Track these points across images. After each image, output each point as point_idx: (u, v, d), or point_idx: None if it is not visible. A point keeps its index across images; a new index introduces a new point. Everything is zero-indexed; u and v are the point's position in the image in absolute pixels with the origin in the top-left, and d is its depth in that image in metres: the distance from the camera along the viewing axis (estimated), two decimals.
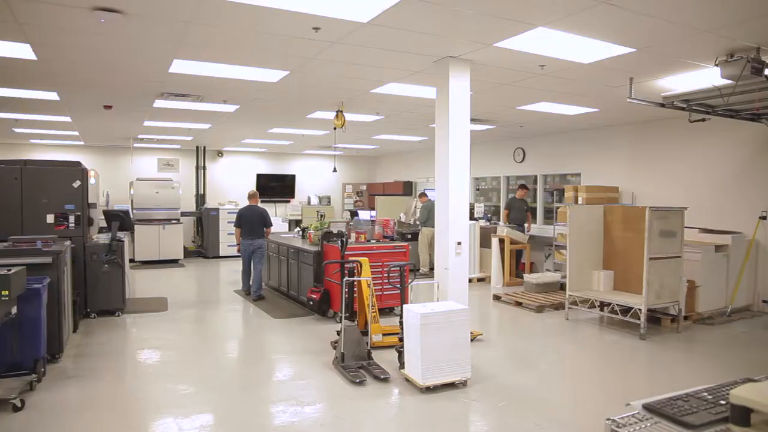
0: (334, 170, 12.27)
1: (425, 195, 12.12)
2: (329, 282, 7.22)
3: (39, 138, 13.75)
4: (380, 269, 7.08)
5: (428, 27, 4.91)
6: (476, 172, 13.50)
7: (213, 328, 7.47)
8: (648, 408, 1.66)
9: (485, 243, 11.05)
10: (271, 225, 9.19)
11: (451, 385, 4.88)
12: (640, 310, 6.69)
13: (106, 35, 5.16)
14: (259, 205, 9.27)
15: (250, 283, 9.12)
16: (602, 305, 7.68)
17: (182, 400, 4.70)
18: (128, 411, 4.52)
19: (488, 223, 12.10)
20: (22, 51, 5.65)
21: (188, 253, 14.36)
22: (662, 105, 6.87)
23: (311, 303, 7.47)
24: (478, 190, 14.11)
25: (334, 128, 9.04)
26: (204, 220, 14.41)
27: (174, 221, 13.41)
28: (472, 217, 11.54)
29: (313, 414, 4.37)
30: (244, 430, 4.11)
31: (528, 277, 9.44)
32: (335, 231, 7.31)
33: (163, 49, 5.65)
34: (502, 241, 10.53)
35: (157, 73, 6.65)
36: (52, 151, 14.68)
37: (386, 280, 5.96)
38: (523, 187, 11.52)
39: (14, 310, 4.44)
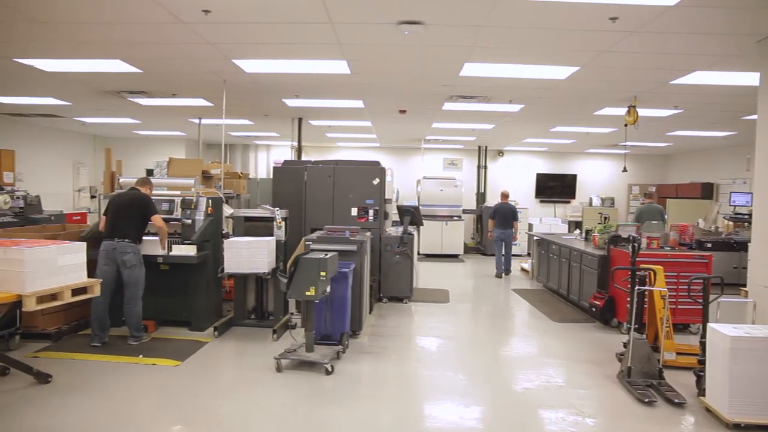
0: (624, 170, 11.39)
1: (651, 196, 10.37)
2: (616, 289, 6.73)
3: (344, 141, 15.89)
4: (675, 280, 6.36)
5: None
6: None
7: (490, 324, 7.64)
8: None
9: None
10: (518, 219, 11.33)
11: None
12: None
13: (407, 46, 5.65)
14: (510, 202, 11.35)
15: (502, 264, 11.10)
16: None
17: (460, 388, 4.90)
18: (412, 389, 4.92)
19: None
20: (340, 67, 6.56)
21: (467, 249, 14.94)
22: None
23: (593, 309, 7.07)
24: None
25: (625, 125, 8.39)
26: (483, 218, 14.81)
27: (456, 218, 14.11)
28: None
29: (593, 428, 4.13)
30: (521, 431, 4.09)
31: None
32: (625, 235, 6.78)
33: (455, 54, 5.95)
34: None
35: (448, 77, 7.03)
36: (354, 151, 16.76)
37: (682, 293, 5.30)
38: None
39: (328, 288, 5.19)
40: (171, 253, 6.15)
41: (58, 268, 4.48)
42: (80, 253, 4.76)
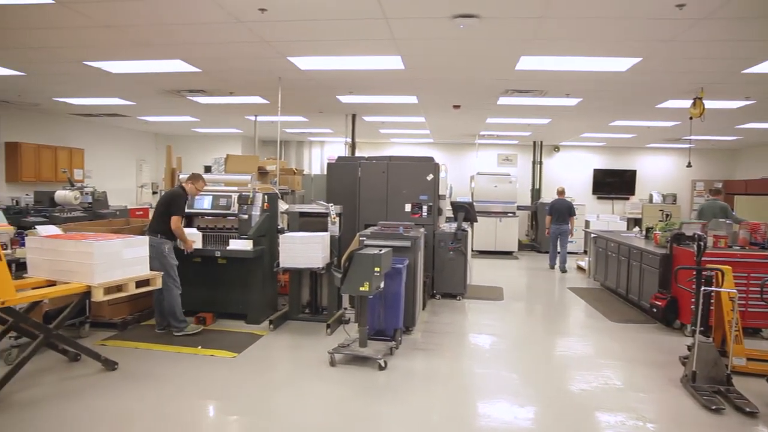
0: (689, 165, 10.86)
1: (718, 193, 9.67)
2: (679, 289, 6.46)
3: (397, 137, 15.89)
4: (745, 281, 6.06)
5: None
6: None
7: (545, 323, 7.48)
8: None
9: None
10: (575, 215, 11.44)
11: None
12: None
13: (462, 40, 5.58)
14: (566, 198, 11.52)
15: (557, 261, 11.38)
16: None
17: (514, 387, 4.82)
18: (465, 387, 4.87)
19: None
20: (394, 63, 6.55)
21: (522, 246, 14.67)
22: None
23: (654, 310, 6.81)
24: None
25: (690, 118, 8.02)
26: (539, 215, 14.52)
27: (510, 214, 13.87)
28: None
29: None
30: None
31: None
32: (689, 233, 6.49)
33: (512, 48, 5.83)
34: None
35: (504, 71, 6.91)
36: (407, 147, 16.71)
37: (753, 295, 5.03)
38: None
39: (382, 284, 5.20)
40: (228, 248, 6.31)
41: (123, 261, 4.67)
42: (143, 246, 4.95)
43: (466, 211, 8.43)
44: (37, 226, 5.88)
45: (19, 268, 5.23)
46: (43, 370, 4.82)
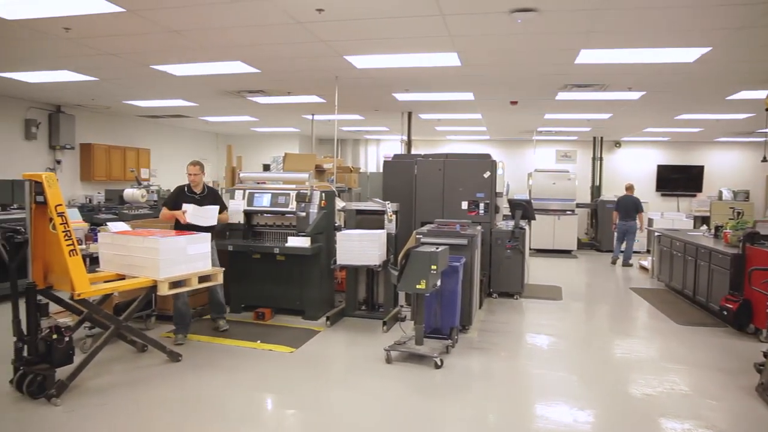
0: (764, 159, 10.29)
1: None
2: (753, 292, 6.13)
3: (453, 134, 15.78)
4: None
5: None
6: None
7: (606, 324, 7.29)
8: None
9: None
10: (642, 211, 11.67)
11: None
12: None
13: (519, 35, 5.48)
14: (634, 195, 11.66)
15: (620, 256, 11.60)
16: None
17: (573, 390, 4.71)
18: (522, 388, 4.81)
19: None
20: (451, 60, 6.51)
21: (581, 245, 14.28)
22: None
23: (725, 313, 6.49)
24: None
25: (766, 109, 7.58)
26: (599, 212, 14.09)
27: (569, 212, 13.51)
28: None
29: None
30: None
31: None
32: (764, 232, 6.16)
33: (571, 41, 5.69)
34: None
35: (563, 66, 6.74)
36: (463, 144, 16.56)
37: None
38: None
39: (439, 282, 5.18)
40: (286, 245, 6.43)
41: (186, 257, 4.85)
42: (206, 243, 5.13)
43: (523, 209, 8.28)
44: (108, 223, 6.17)
45: (92, 262, 5.50)
46: (114, 359, 5.07)
